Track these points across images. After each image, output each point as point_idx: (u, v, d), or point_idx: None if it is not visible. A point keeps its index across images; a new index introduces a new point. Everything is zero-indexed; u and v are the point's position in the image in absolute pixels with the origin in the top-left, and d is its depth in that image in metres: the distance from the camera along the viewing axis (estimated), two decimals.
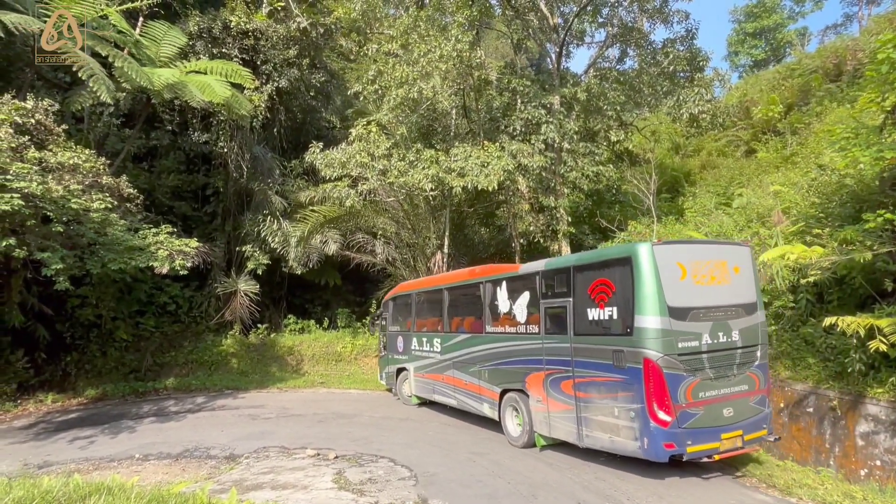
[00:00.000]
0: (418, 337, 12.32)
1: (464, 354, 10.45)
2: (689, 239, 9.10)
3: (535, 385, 8.53)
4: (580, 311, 7.62)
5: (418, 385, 12.49)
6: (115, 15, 13.96)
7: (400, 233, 18.69)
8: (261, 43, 18.22)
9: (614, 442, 7.18)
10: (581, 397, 7.55)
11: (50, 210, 10.61)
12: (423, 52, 15.62)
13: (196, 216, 19.18)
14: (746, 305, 7.44)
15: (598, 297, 7.33)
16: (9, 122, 10.97)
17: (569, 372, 7.77)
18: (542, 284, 8.46)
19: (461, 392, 10.64)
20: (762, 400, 7.47)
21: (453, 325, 11.07)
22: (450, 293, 11.28)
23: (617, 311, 7.06)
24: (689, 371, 6.77)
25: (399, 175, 15.18)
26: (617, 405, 7.01)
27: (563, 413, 7.98)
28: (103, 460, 9.87)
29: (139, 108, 17.12)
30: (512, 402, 9.23)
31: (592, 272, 7.56)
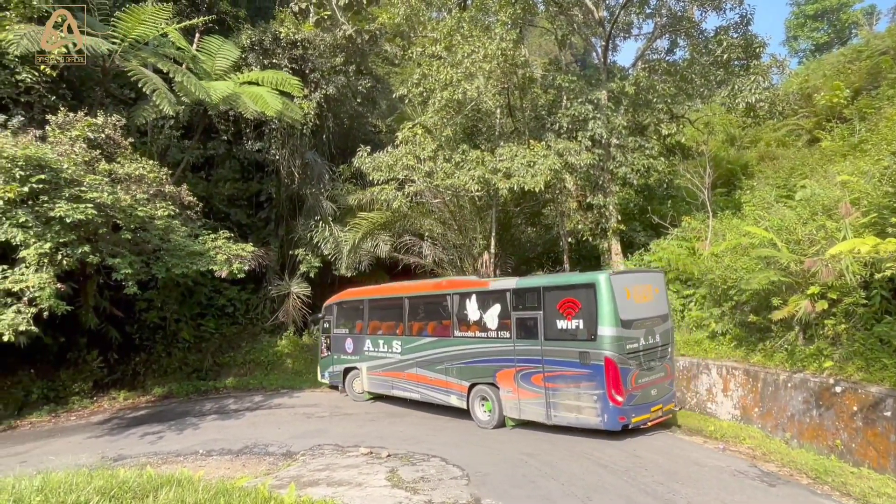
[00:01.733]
0: (373, 339, 13.70)
1: (429, 355, 12.10)
2: (627, 269, 11.33)
3: (505, 379, 10.53)
4: (550, 322, 9.83)
5: (372, 382, 13.79)
6: (174, 33, 14.72)
7: (447, 234, 18.78)
8: (309, 52, 18.76)
9: (579, 419, 9.49)
10: (550, 387, 9.77)
11: (119, 218, 11.31)
12: (466, 53, 15.64)
13: (251, 222, 19.93)
14: (663, 315, 10.24)
15: (566, 312, 9.61)
16: (83, 137, 11.76)
17: (539, 368, 9.92)
18: (513, 299, 10.53)
19: (426, 387, 12.23)
20: (671, 383, 10.35)
21: (415, 330, 12.68)
22: (411, 301, 12.96)
23: (583, 322, 9.37)
24: (633, 365, 9.30)
25: (445, 177, 15.25)
26: (581, 392, 9.34)
27: (532, 400, 10.10)
28: (170, 455, 10.42)
29: (197, 119, 17.97)
30: (481, 394, 11.11)
31: (560, 292, 9.78)
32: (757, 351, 10.62)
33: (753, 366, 10.45)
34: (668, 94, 16.91)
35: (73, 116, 12.27)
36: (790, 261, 9.83)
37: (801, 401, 9.31)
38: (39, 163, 10.09)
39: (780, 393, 9.75)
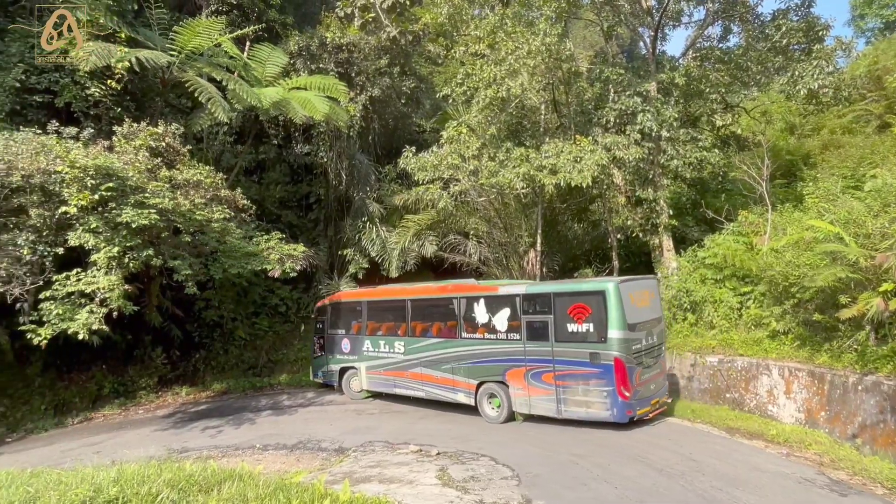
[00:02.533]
0: (373, 340, 14.07)
1: (434, 355, 12.61)
2: (629, 277, 11.72)
3: (515, 377, 11.20)
4: (560, 325, 10.56)
5: (371, 381, 14.18)
6: (227, 43, 15.30)
7: (492, 232, 18.71)
8: (354, 55, 19.09)
9: (588, 413, 10.32)
10: (560, 385, 10.53)
11: (179, 222, 11.87)
12: (510, 50, 15.51)
13: (301, 223, 20.50)
14: (658, 318, 11.30)
15: (577, 316, 10.40)
16: (145, 146, 12.42)
17: (549, 367, 10.64)
18: (522, 304, 11.18)
19: (431, 385, 12.70)
20: (665, 377, 11.39)
21: (418, 331, 13.15)
22: (414, 304, 13.36)
23: (593, 326, 10.18)
24: (637, 364, 10.21)
25: (490, 175, 15.20)
26: (591, 388, 10.18)
27: (543, 396, 10.82)
28: (230, 448, 10.88)
29: (249, 125, 18.63)
30: (489, 391, 11.68)
31: (571, 298, 10.61)
32: (822, 351, 10.09)
33: (819, 367, 9.92)
34: (722, 84, 16.23)
35: (137, 127, 12.96)
36: (859, 256, 9.27)
37: (874, 405, 8.77)
38: (108, 172, 10.73)
39: (850, 396, 9.22)
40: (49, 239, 10.96)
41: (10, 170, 10.53)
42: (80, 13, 13.48)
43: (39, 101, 13.90)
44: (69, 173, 10.41)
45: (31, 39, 13.94)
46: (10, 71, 13.46)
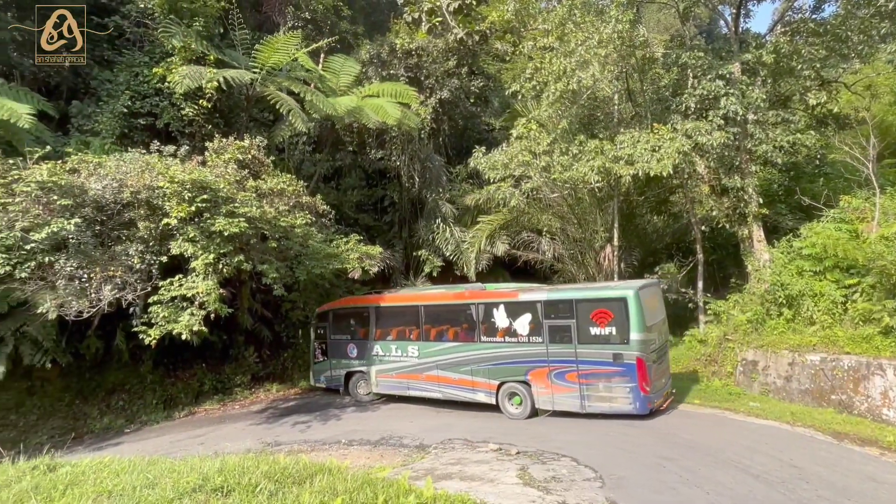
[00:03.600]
0: (383, 344, 14.28)
1: (452, 358, 13.07)
2: (644, 282, 12.21)
3: (538, 377, 11.86)
4: (583, 328, 11.29)
5: (383, 385, 14.39)
6: (303, 57, 16.09)
7: (566, 228, 18.36)
8: (423, 59, 19.41)
9: (612, 407, 11.07)
10: (584, 383, 11.29)
11: (266, 229, 12.63)
12: (579, 41, 15.15)
13: (377, 226, 21.13)
14: (664, 318, 12.23)
15: (599, 320, 11.12)
16: (234, 159, 13.32)
17: (573, 368, 11.38)
18: (544, 309, 11.82)
19: (449, 386, 13.17)
20: (669, 372, 12.37)
21: (433, 335, 13.58)
22: (429, 310, 13.75)
23: (616, 329, 10.93)
24: (653, 361, 11.06)
25: (562, 170, 14.92)
26: (613, 385, 10.99)
27: (567, 394, 11.51)
28: (317, 443, 11.43)
29: (325, 134, 19.47)
30: (510, 390, 12.30)
31: (593, 304, 11.29)
32: None
33: None
34: (817, 58, 14.95)
35: (226, 141, 13.93)
36: None
37: None
38: (202, 185, 11.61)
39: None
40: (154, 249, 12.04)
41: (121, 187, 11.68)
42: (175, 40, 14.68)
43: (143, 123, 15.29)
44: (169, 188, 11.37)
45: (135, 69, 15.36)
46: (118, 98, 14.91)
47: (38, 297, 11.44)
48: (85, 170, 11.79)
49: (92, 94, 15.72)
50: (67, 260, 11.30)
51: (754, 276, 14.98)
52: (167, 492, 5.33)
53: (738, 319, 14.14)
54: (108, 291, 11.52)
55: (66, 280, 11.38)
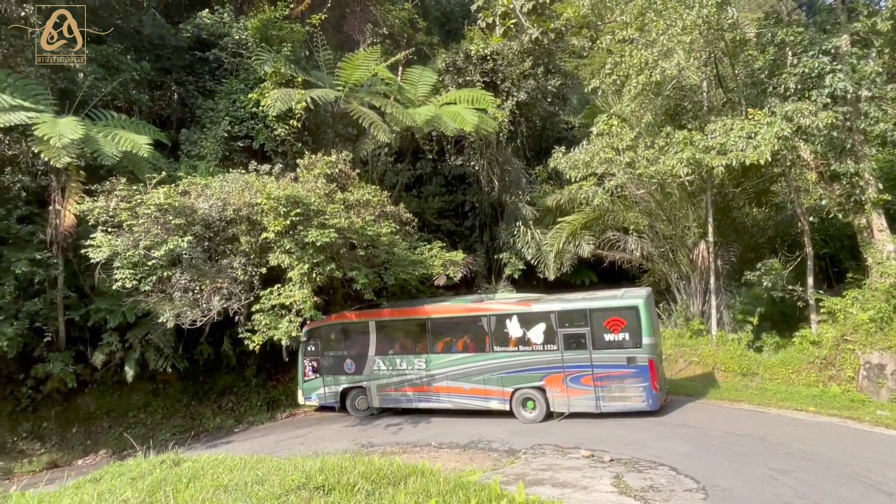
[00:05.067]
0: (386, 359, 14.21)
1: (463, 369, 13.40)
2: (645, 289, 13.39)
3: (554, 382, 12.54)
4: (598, 335, 12.17)
5: (386, 398, 14.32)
6: (383, 71, 16.68)
7: (654, 226, 17.55)
8: (498, 63, 19.43)
9: (626, 405, 11.97)
10: (599, 385, 12.13)
11: (354, 238, 13.23)
12: (661, 30, 14.46)
13: (458, 231, 21.38)
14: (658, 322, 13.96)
15: (613, 327, 12.02)
16: (323, 174, 14.07)
17: (587, 372, 12.20)
18: (558, 319, 12.56)
19: (460, 396, 13.49)
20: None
21: (440, 348, 13.76)
22: (436, 323, 13.90)
23: (629, 335, 11.89)
24: (659, 362, 12.30)
25: (648, 164, 14.29)
26: (627, 385, 11.91)
27: (582, 396, 12.29)
28: (409, 445, 11.74)
29: (406, 144, 20.02)
30: (524, 396, 12.85)
31: (605, 312, 12.21)
32: None
33: None
34: None
35: (315, 158, 14.74)
36: None
37: None
38: (295, 199, 12.38)
39: None
40: (255, 261, 13.00)
41: (225, 205, 12.74)
42: (267, 66, 15.80)
43: (241, 145, 16.57)
44: (266, 204, 12.23)
45: (232, 96, 16.69)
46: (219, 124, 16.27)
47: (158, 307, 12.75)
48: (194, 191, 12.98)
49: (197, 122, 17.28)
50: (182, 274, 12.50)
51: (876, 270, 13.47)
52: (275, 488, 5.72)
53: (858, 318, 12.79)
54: (216, 301, 12.60)
55: (181, 292, 12.59)
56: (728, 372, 14.74)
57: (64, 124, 12.39)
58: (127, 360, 14.39)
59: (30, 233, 13.75)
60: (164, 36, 18.10)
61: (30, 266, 13.24)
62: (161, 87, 18.09)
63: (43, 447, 13.78)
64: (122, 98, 16.25)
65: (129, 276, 11.91)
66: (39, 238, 13.77)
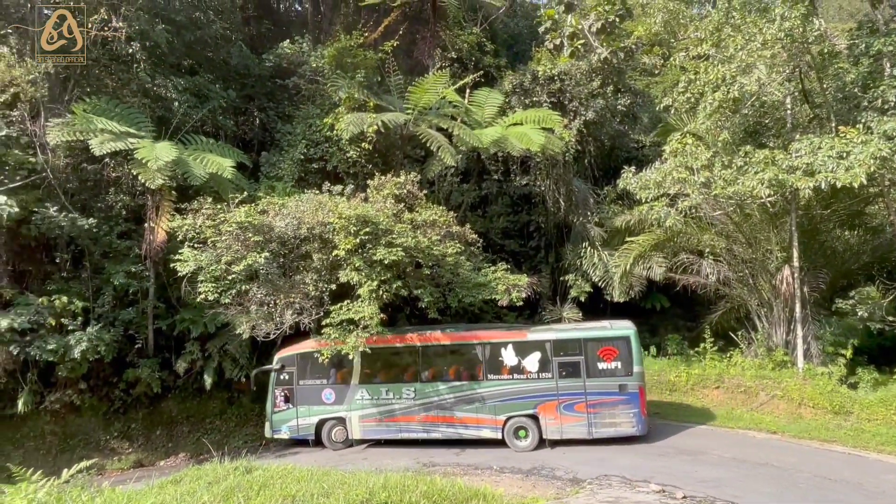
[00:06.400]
0: (370, 388, 13.77)
1: (454, 397, 13.34)
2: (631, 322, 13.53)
3: (547, 410, 12.79)
4: (592, 364, 12.73)
5: (369, 430, 13.79)
6: (450, 94, 17.03)
7: (732, 248, 16.63)
8: (566, 83, 19.31)
9: (617, 431, 12.44)
10: (592, 412, 12.54)
11: (420, 258, 13.45)
12: (739, 45, 13.90)
13: (523, 251, 21.20)
14: None
15: (606, 356, 12.69)
16: (391, 194, 14.48)
17: (581, 399, 12.62)
18: (553, 348, 13.02)
19: (450, 426, 13.37)
20: None
21: (431, 376, 13.63)
22: (426, 351, 13.71)
23: (621, 363, 12.57)
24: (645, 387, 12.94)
25: (726, 185, 13.62)
26: (618, 412, 12.43)
27: (575, 423, 12.64)
28: (470, 467, 11.62)
29: (472, 164, 20.24)
30: (517, 424, 12.95)
31: (599, 342, 12.89)
32: None
33: None
34: None
35: (384, 179, 15.21)
36: None
37: None
38: (365, 219, 12.80)
39: None
40: (326, 277, 13.50)
41: (299, 224, 13.38)
42: (342, 92, 16.59)
43: (316, 167, 17.41)
44: (338, 223, 12.73)
45: (309, 120, 17.63)
46: (296, 147, 17.21)
47: (236, 319, 13.51)
48: (272, 210, 13.74)
49: (276, 145, 18.36)
50: (258, 288, 13.20)
51: None
52: (339, 502, 5.86)
53: None
54: (289, 315, 13.18)
55: (257, 305, 13.28)
56: (817, 409, 13.58)
57: (160, 148, 13.58)
58: (206, 369, 15.31)
59: (127, 247, 15.08)
60: (248, 66, 19.46)
61: (126, 278, 14.51)
62: (244, 113, 19.41)
63: (131, 447, 14.86)
64: (210, 123, 17.56)
65: (211, 289, 12.71)
66: (135, 252, 15.07)
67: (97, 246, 14.81)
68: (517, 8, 30.17)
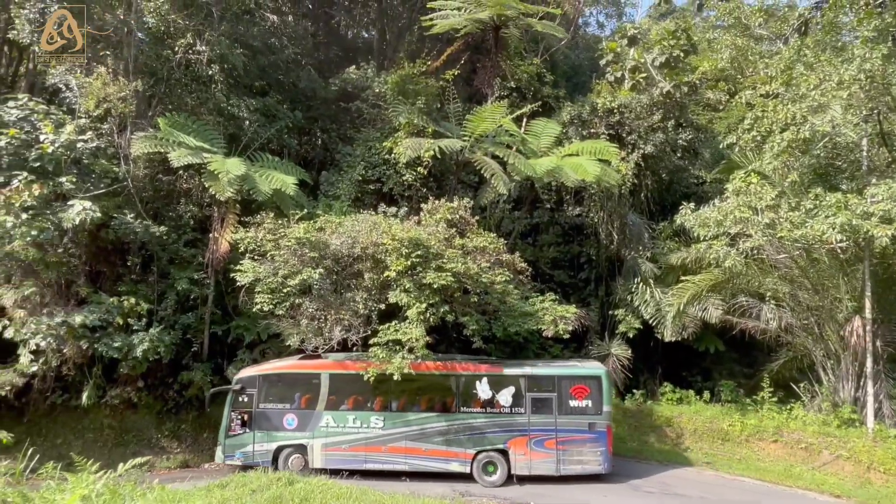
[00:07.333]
0: (336, 415, 13.37)
1: (424, 428, 13.17)
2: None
3: (518, 445, 12.91)
4: (564, 401, 12.96)
5: (331, 459, 13.14)
6: (507, 123, 17.23)
7: (796, 294, 15.80)
8: (625, 116, 19.16)
9: (584, 468, 12.78)
10: (561, 449, 12.76)
11: (468, 284, 13.51)
12: (812, 84, 13.45)
13: (572, 282, 20.87)
14: None
15: (578, 394, 12.97)
16: (444, 219, 14.67)
17: (552, 435, 12.83)
18: (527, 383, 13.24)
19: (417, 458, 13.08)
20: None
21: (401, 405, 13.44)
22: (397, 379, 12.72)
23: (591, 402, 12.92)
24: None
25: (792, 227, 13.07)
26: (586, 449, 12.81)
27: (544, 459, 12.80)
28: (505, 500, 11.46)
29: (524, 193, 20.26)
30: (486, 459, 12.97)
31: (572, 380, 13.19)
32: None
33: None
34: None
35: (437, 203, 15.44)
36: None
37: None
38: (417, 242, 13.02)
39: None
40: (375, 297, 13.75)
41: (354, 243, 13.75)
42: (402, 117, 17.10)
43: (372, 188, 17.92)
44: (390, 244, 13.00)
45: (368, 143, 18.23)
46: (355, 168, 17.79)
47: (287, 331, 13.91)
48: (329, 228, 14.20)
49: (336, 165, 19.03)
50: (311, 302, 13.59)
51: None
52: None
53: None
54: (337, 331, 13.47)
55: (308, 319, 13.65)
56: (889, 474, 12.57)
57: (231, 163, 14.37)
58: None
59: (192, 255, 15.92)
60: (315, 89, 20.41)
61: (189, 284, 15.28)
62: (308, 133, 20.31)
63: (179, 447, 15.42)
64: (276, 142, 18.43)
65: (267, 300, 13.19)
66: (198, 260, 15.87)
67: (165, 252, 15.70)
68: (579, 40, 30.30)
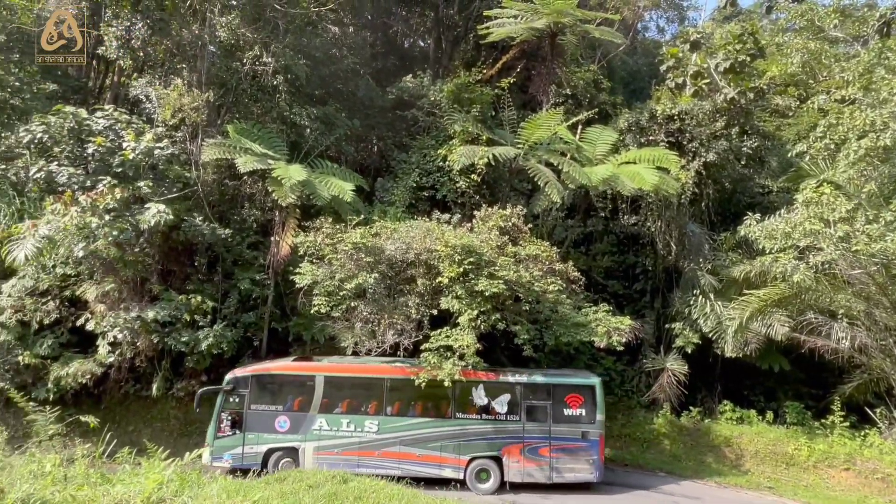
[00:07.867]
0: (330, 418, 13.32)
1: (419, 434, 13.19)
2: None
3: (512, 453, 12.99)
4: (558, 409, 13.20)
5: (323, 462, 12.78)
6: (563, 130, 17.10)
7: (872, 312, 14.79)
8: (686, 123, 18.58)
9: (576, 476, 13.01)
10: (554, 457, 12.99)
11: (520, 292, 13.47)
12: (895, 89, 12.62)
13: (626, 293, 20.36)
14: None
15: (572, 403, 13.26)
16: (496, 227, 14.70)
17: (545, 443, 13.04)
18: (523, 391, 13.35)
19: (411, 463, 13.05)
20: None
21: (396, 410, 13.43)
22: (394, 383, 13.43)
23: (585, 411, 13.18)
24: None
25: (870, 241, 12.29)
26: (579, 457, 13.04)
27: (537, 467, 12.98)
28: None
29: (578, 201, 20.00)
30: (480, 466, 12.99)
31: (567, 389, 13.45)
32: None
33: None
34: None
35: (490, 210, 15.49)
36: None
37: None
38: (469, 249, 13.11)
39: None
40: (428, 302, 13.91)
41: (408, 249, 13.99)
42: (457, 125, 17.29)
43: (426, 195, 18.19)
44: (443, 251, 13.15)
45: (423, 150, 18.54)
46: (410, 175, 18.13)
47: (342, 333, 14.30)
48: (384, 234, 14.51)
49: (391, 172, 19.44)
50: (365, 306, 13.90)
51: None
52: None
53: None
54: (390, 335, 13.70)
55: (362, 322, 13.97)
56: None
57: (293, 170, 14.98)
58: None
59: (254, 257, 16.65)
60: (373, 97, 20.95)
61: (250, 284, 15.99)
62: (365, 140, 20.83)
63: None
64: (334, 149, 19.03)
65: (324, 303, 13.61)
66: (260, 262, 16.58)
67: (230, 254, 16.51)
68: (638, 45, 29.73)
